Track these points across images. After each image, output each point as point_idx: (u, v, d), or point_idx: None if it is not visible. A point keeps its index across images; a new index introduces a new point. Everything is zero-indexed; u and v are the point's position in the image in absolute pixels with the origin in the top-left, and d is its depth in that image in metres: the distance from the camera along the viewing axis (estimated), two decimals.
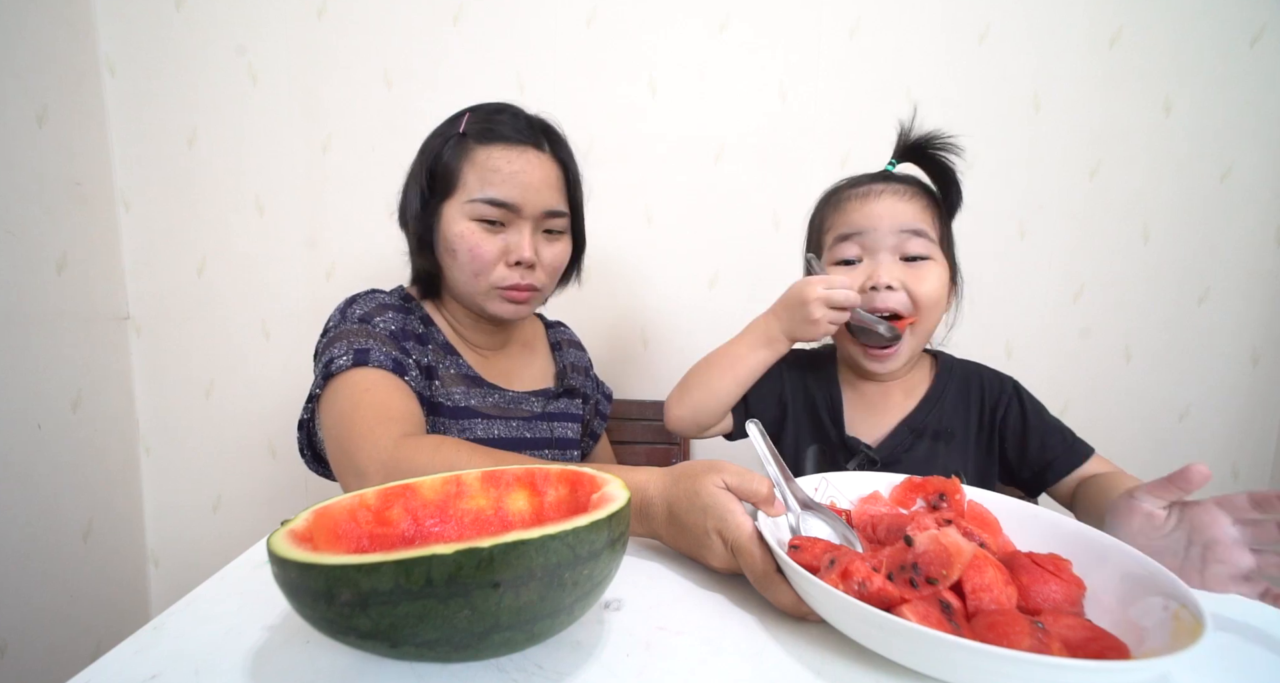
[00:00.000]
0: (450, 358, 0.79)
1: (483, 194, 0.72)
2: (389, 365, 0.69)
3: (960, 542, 0.40)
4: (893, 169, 0.76)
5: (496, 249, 0.74)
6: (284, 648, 0.40)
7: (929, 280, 0.70)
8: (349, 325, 0.72)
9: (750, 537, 0.45)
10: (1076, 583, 0.43)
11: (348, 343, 0.69)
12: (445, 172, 0.74)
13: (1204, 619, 0.35)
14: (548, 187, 0.75)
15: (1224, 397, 1.30)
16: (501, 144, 0.73)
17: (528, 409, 0.83)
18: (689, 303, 1.29)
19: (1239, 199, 1.24)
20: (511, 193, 0.72)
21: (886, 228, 0.70)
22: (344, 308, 0.76)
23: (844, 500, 0.56)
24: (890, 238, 0.70)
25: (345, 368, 0.67)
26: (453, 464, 0.56)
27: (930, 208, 0.73)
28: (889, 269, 0.70)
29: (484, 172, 0.72)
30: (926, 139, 0.73)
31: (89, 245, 1.19)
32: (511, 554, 0.32)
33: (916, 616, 0.37)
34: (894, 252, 0.71)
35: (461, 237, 0.73)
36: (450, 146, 0.74)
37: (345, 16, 1.20)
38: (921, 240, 0.70)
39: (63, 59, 1.13)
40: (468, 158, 0.73)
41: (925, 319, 0.71)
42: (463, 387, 0.78)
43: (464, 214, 0.73)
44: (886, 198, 0.72)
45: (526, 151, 0.74)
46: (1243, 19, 1.19)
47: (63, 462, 1.15)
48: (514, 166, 0.73)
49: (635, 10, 1.20)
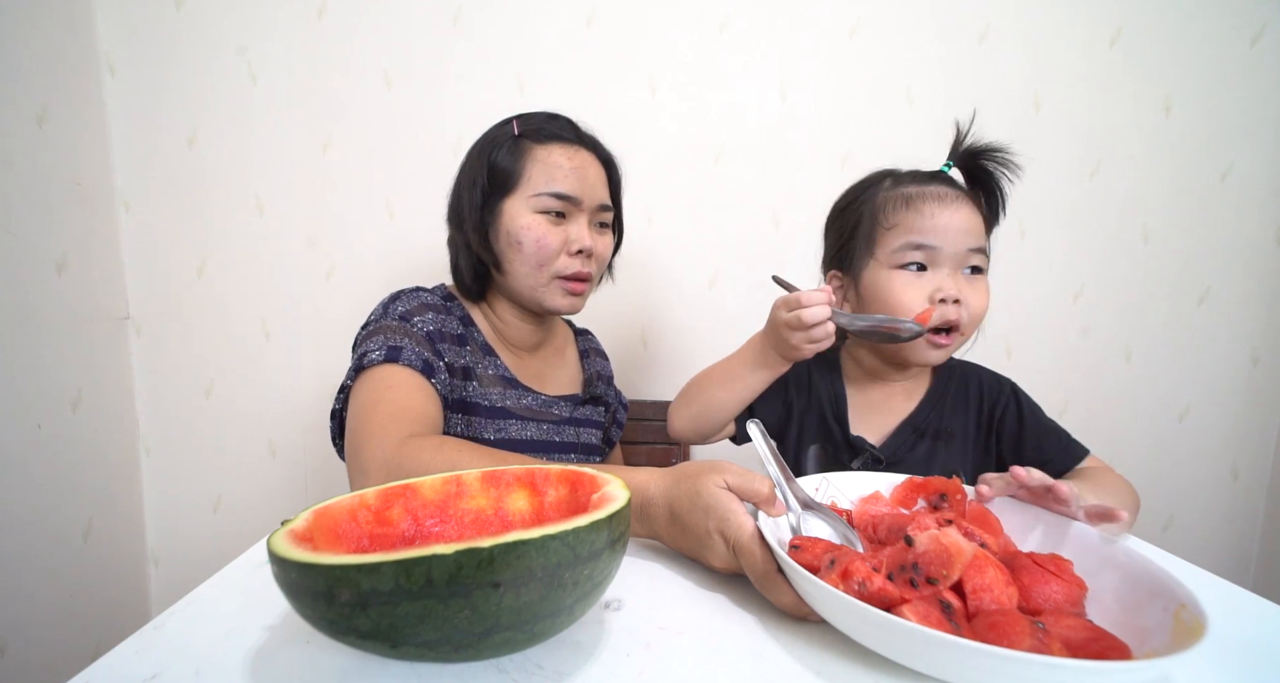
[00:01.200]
0: (489, 359, 0.82)
1: (548, 188, 0.77)
2: (418, 366, 0.71)
3: (961, 542, 0.40)
4: (947, 171, 0.75)
5: (560, 240, 0.78)
6: (284, 648, 0.40)
7: (984, 295, 0.71)
8: (388, 321, 0.75)
9: (752, 536, 0.45)
10: (1078, 584, 0.43)
11: (384, 338, 0.72)
12: (505, 170, 0.78)
13: (1205, 620, 0.35)
14: (600, 182, 0.82)
15: (1224, 397, 1.30)
16: (560, 143, 0.79)
17: (557, 413, 0.86)
18: (689, 303, 1.29)
19: (1239, 199, 1.24)
20: (574, 186, 0.78)
21: (959, 243, 0.69)
22: (387, 303, 0.79)
23: (845, 501, 0.56)
24: (960, 252, 0.70)
25: (376, 362, 0.70)
26: (454, 464, 0.56)
27: (986, 221, 0.74)
28: (955, 282, 0.70)
29: (548, 167, 0.77)
30: (988, 150, 0.73)
31: (89, 245, 1.19)
32: (512, 554, 0.32)
33: (917, 616, 0.37)
34: (956, 266, 0.70)
35: (529, 228, 0.77)
36: (507, 147, 0.79)
37: (345, 16, 1.20)
38: (980, 256, 0.71)
39: (63, 59, 1.13)
40: (528, 156, 0.78)
41: (968, 334, 0.72)
42: (499, 388, 0.81)
43: (529, 208, 0.77)
44: (963, 211, 0.70)
45: (581, 151, 0.80)
46: (1243, 19, 1.19)
47: (63, 462, 1.15)
48: (574, 163, 0.78)
49: (635, 10, 1.20)
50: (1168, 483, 1.32)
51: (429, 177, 1.24)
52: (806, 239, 1.26)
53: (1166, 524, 1.34)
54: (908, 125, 1.22)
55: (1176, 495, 1.33)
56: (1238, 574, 1.36)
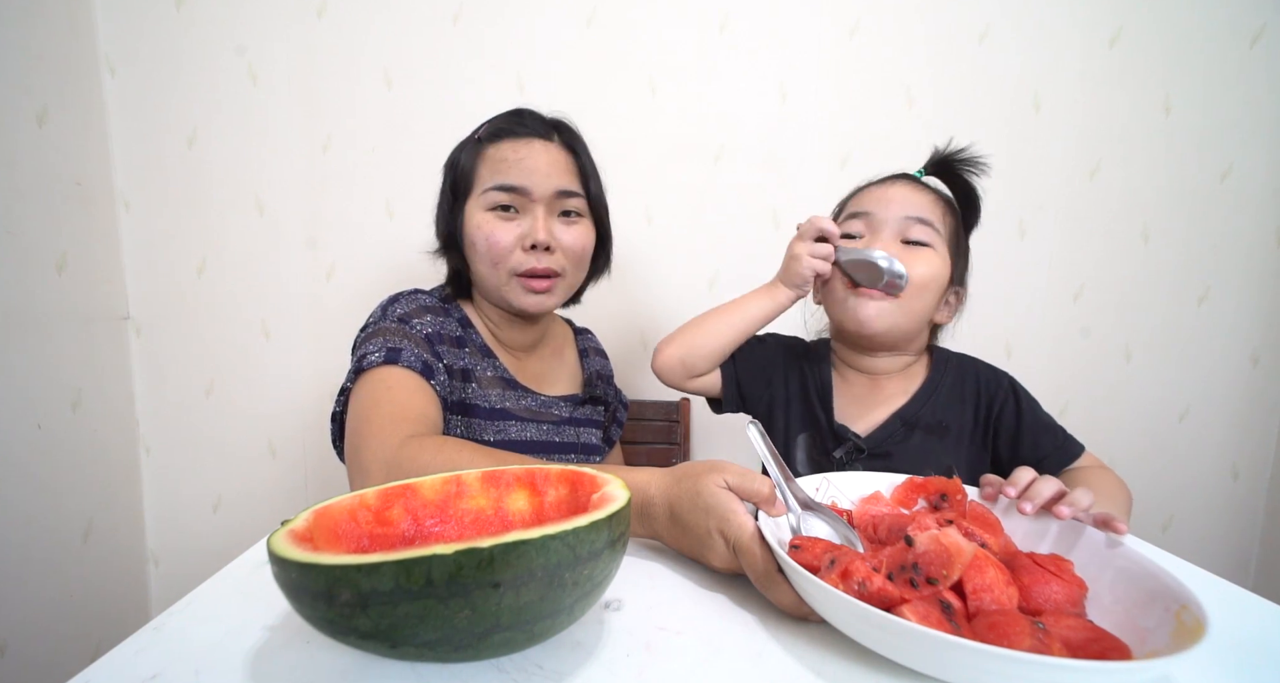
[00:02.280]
0: (487, 360, 0.82)
1: (493, 182, 0.76)
2: (417, 367, 0.71)
3: (961, 542, 0.40)
4: (920, 176, 0.78)
5: (512, 235, 0.76)
6: (284, 648, 0.40)
7: (920, 264, 0.71)
8: (388, 323, 0.75)
9: (752, 536, 0.45)
10: (1078, 584, 0.43)
11: (383, 340, 0.72)
12: (463, 174, 0.79)
13: (1206, 620, 0.35)
14: (556, 170, 0.78)
15: (1224, 397, 1.30)
16: (510, 139, 0.78)
17: (556, 414, 0.86)
18: (689, 303, 1.28)
19: (1239, 199, 1.24)
20: (520, 176, 0.76)
21: (894, 212, 0.73)
22: (386, 305, 0.80)
23: (845, 501, 0.56)
24: (895, 222, 0.73)
25: (375, 364, 0.70)
26: (454, 464, 0.56)
27: (942, 206, 0.75)
28: (885, 245, 0.72)
29: (494, 163, 0.77)
30: (953, 154, 0.76)
31: (89, 245, 1.19)
32: (512, 554, 0.32)
33: (916, 616, 0.37)
34: (896, 234, 0.73)
35: (479, 227, 0.77)
36: (466, 152, 0.79)
37: (345, 16, 1.20)
38: (925, 228, 0.72)
39: (63, 59, 1.13)
40: (480, 157, 0.78)
41: (911, 298, 0.72)
42: (499, 389, 0.81)
43: (480, 206, 0.77)
44: (901, 186, 0.75)
45: (533, 142, 0.78)
46: (1243, 19, 1.19)
47: (63, 462, 1.15)
48: (519, 155, 0.76)
49: (635, 10, 1.20)
50: (1168, 483, 1.32)
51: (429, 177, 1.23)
52: None
53: (1166, 524, 1.34)
54: (908, 125, 1.22)
55: (1176, 495, 1.32)
56: (1238, 574, 1.36)
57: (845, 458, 0.75)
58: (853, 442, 0.75)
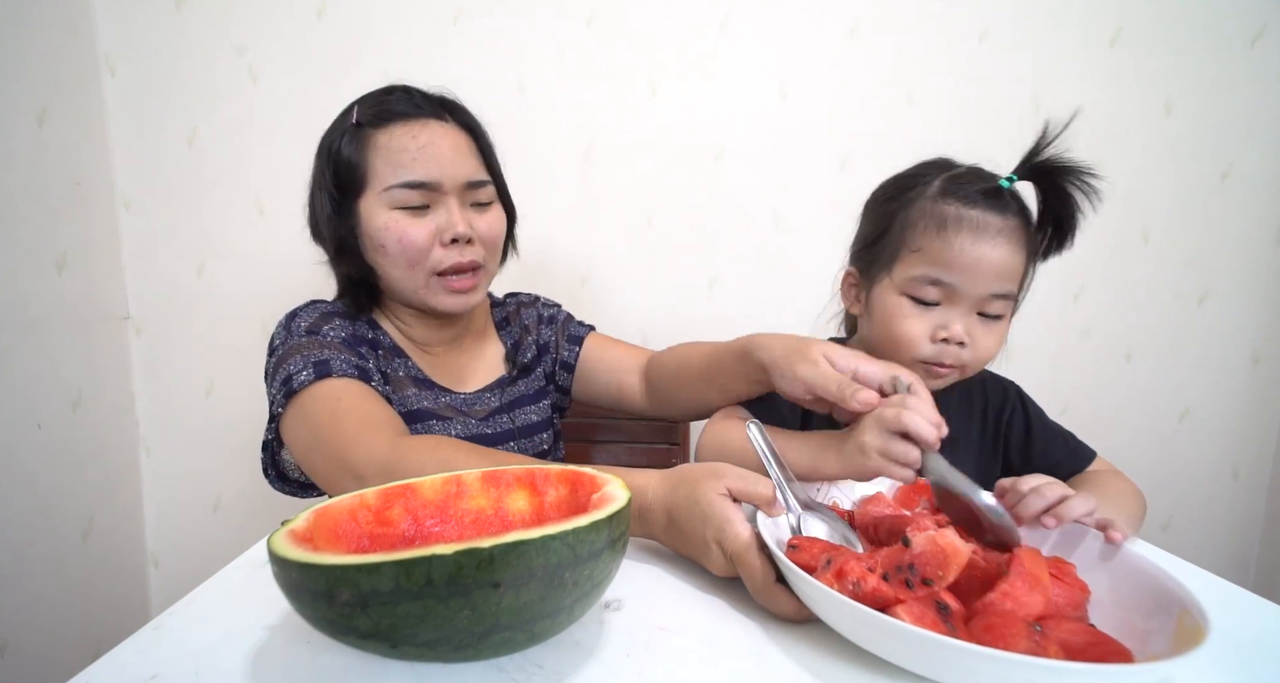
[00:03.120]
0: (398, 360, 0.76)
1: (398, 179, 0.68)
2: (353, 373, 0.66)
3: (957, 543, 0.40)
4: (1008, 185, 0.65)
5: (427, 232, 0.69)
6: (284, 648, 0.40)
7: (995, 340, 0.66)
8: (297, 340, 0.69)
9: (748, 546, 0.45)
10: (1080, 587, 0.43)
11: (303, 358, 0.66)
12: (349, 167, 0.70)
13: (1207, 623, 0.35)
14: (461, 155, 0.71)
15: (1224, 397, 1.30)
16: (400, 122, 0.69)
17: (483, 408, 0.80)
18: (689, 303, 1.29)
19: (1239, 199, 1.24)
20: (427, 169, 0.68)
21: (982, 286, 0.64)
22: (286, 323, 0.73)
23: (846, 502, 0.56)
24: (981, 295, 0.64)
25: (308, 383, 0.64)
26: (450, 464, 0.55)
27: (1030, 257, 0.66)
28: (966, 323, 0.65)
29: (392, 154, 0.68)
30: (1070, 170, 0.63)
31: (89, 245, 1.19)
32: (512, 554, 0.32)
33: (911, 616, 0.37)
34: (975, 306, 0.65)
35: (386, 228, 0.69)
36: (347, 140, 0.70)
37: (345, 16, 1.20)
38: (1004, 302, 0.65)
39: (63, 59, 1.13)
40: (370, 146, 0.69)
41: (975, 371, 0.68)
42: (414, 389, 0.75)
43: (383, 205, 0.69)
44: (1001, 245, 0.63)
45: (429, 124, 0.70)
46: (1243, 19, 1.19)
47: (63, 462, 1.15)
48: (420, 141, 0.69)
49: (635, 10, 1.20)
50: (1168, 483, 1.32)
51: None
52: (806, 239, 1.26)
53: (1166, 524, 1.34)
54: (908, 125, 1.22)
55: (1176, 495, 1.32)
56: (1238, 574, 1.36)
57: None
58: None
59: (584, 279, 1.28)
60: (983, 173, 0.67)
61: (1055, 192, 0.63)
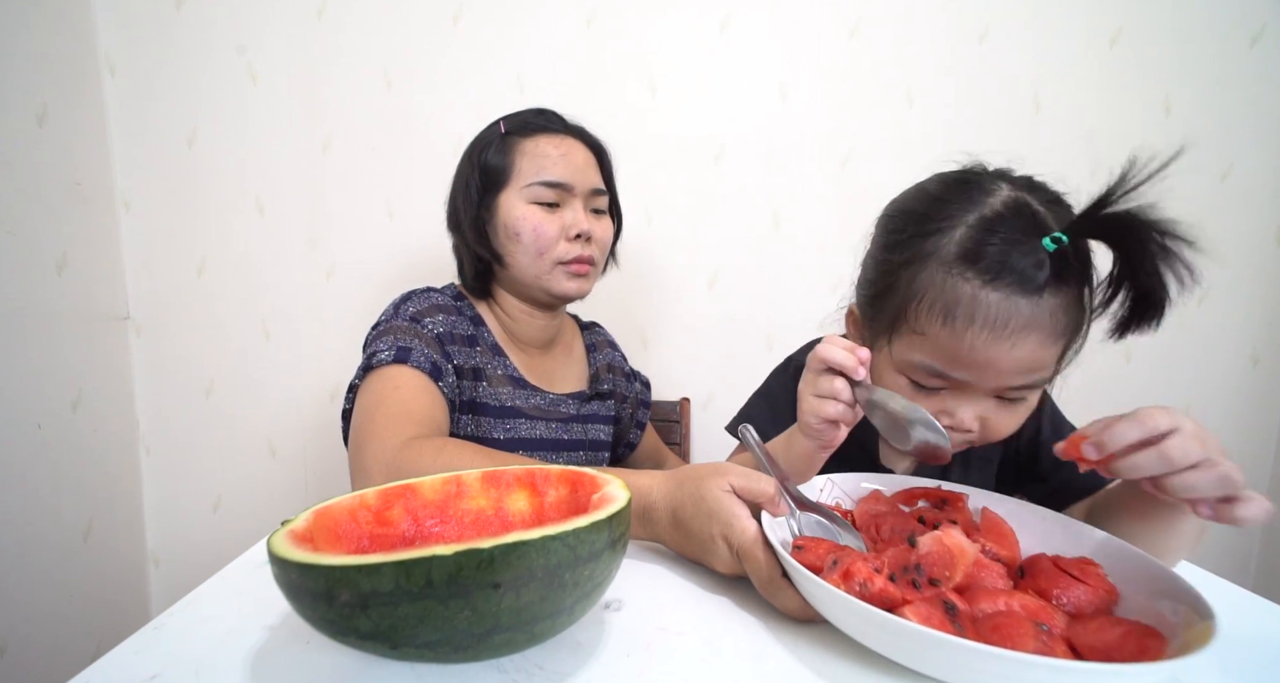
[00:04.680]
0: (498, 359, 0.83)
1: (539, 178, 0.79)
2: (426, 368, 0.71)
3: (964, 543, 0.40)
4: (1054, 248, 0.49)
5: (557, 227, 0.79)
6: (284, 648, 0.40)
7: (1015, 420, 0.55)
8: (399, 321, 0.76)
9: (755, 541, 0.45)
10: (1106, 589, 0.42)
11: (394, 339, 0.73)
12: (496, 167, 0.80)
13: (1215, 623, 0.35)
14: (590, 168, 0.83)
15: (1224, 397, 1.30)
16: (546, 134, 0.81)
17: (564, 412, 0.87)
18: (689, 303, 1.29)
19: (1239, 199, 1.24)
20: (565, 173, 0.79)
21: (997, 382, 0.52)
22: (398, 304, 0.80)
23: (849, 501, 0.56)
24: (998, 388, 0.53)
25: (385, 362, 0.70)
26: (453, 466, 0.56)
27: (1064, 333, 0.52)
28: (977, 409, 0.54)
29: (536, 158, 0.79)
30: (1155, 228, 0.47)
31: (89, 245, 1.19)
32: (512, 555, 0.32)
33: (918, 616, 0.37)
34: (992, 393, 0.53)
35: (525, 218, 0.78)
36: (495, 146, 0.81)
37: (345, 16, 1.20)
38: (1029, 390, 0.54)
39: (63, 59, 1.13)
40: (517, 150, 0.80)
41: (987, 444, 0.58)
42: (508, 387, 0.82)
43: (522, 199, 0.79)
44: (1028, 342, 0.49)
45: (568, 139, 0.82)
46: (1243, 19, 1.19)
47: (63, 462, 1.15)
48: (561, 150, 0.80)
49: (635, 10, 1.20)
50: None
51: (429, 177, 1.24)
52: (806, 239, 1.26)
53: None
54: (908, 125, 1.22)
55: None
56: (1238, 574, 1.35)
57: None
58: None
59: None
60: (1026, 214, 0.51)
61: (1136, 255, 0.47)
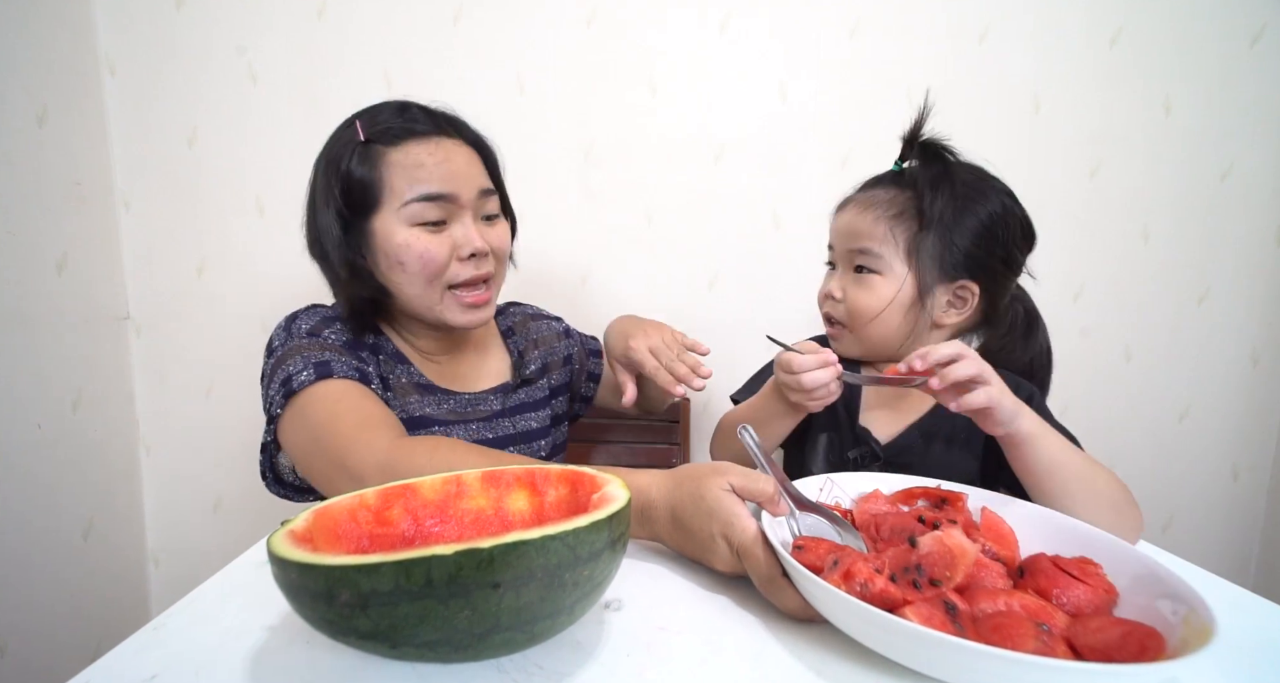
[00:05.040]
0: (401, 367, 0.76)
1: (415, 192, 0.68)
2: (354, 375, 0.66)
3: (964, 544, 0.40)
4: (899, 170, 0.76)
5: (446, 248, 0.70)
6: (284, 648, 0.40)
7: (863, 295, 0.73)
8: (298, 341, 0.69)
9: (755, 540, 0.45)
10: (1106, 588, 0.42)
11: (303, 358, 0.66)
12: (362, 185, 0.69)
13: (1214, 623, 0.35)
14: (473, 168, 0.73)
15: (1224, 397, 1.30)
16: (415, 139, 0.69)
17: (485, 409, 0.80)
18: (689, 303, 1.29)
19: (1239, 199, 1.24)
20: (446, 183, 0.69)
21: (844, 245, 0.75)
22: (286, 325, 0.73)
23: (848, 501, 0.56)
24: (846, 252, 0.75)
25: (308, 383, 0.64)
26: (450, 465, 0.55)
27: (894, 219, 0.72)
28: (840, 281, 0.75)
29: (408, 170, 0.68)
30: (926, 139, 0.74)
31: (89, 245, 1.19)
32: (512, 555, 0.32)
33: (919, 617, 0.37)
34: (848, 264, 0.75)
35: (408, 246, 0.68)
36: (357, 158, 0.69)
37: (345, 16, 1.20)
38: (866, 256, 0.72)
39: (63, 59, 1.13)
40: (384, 162, 0.69)
41: (857, 329, 0.74)
42: (416, 395, 0.75)
43: (402, 222, 0.69)
44: (851, 210, 0.75)
45: (442, 141, 0.71)
46: (1243, 19, 1.19)
47: (63, 462, 1.15)
48: (437, 156, 0.69)
49: (635, 10, 1.20)
50: (1168, 483, 1.32)
51: None
52: (806, 239, 1.26)
53: (1166, 524, 1.34)
54: (908, 125, 1.22)
55: (1176, 496, 1.32)
56: (1238, 574, 1.36)
57: (860, 459, 0.73)
58: (871, 447, 0.74)
59: (584, 279, 1.28)
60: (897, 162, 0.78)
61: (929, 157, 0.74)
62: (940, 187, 0.70)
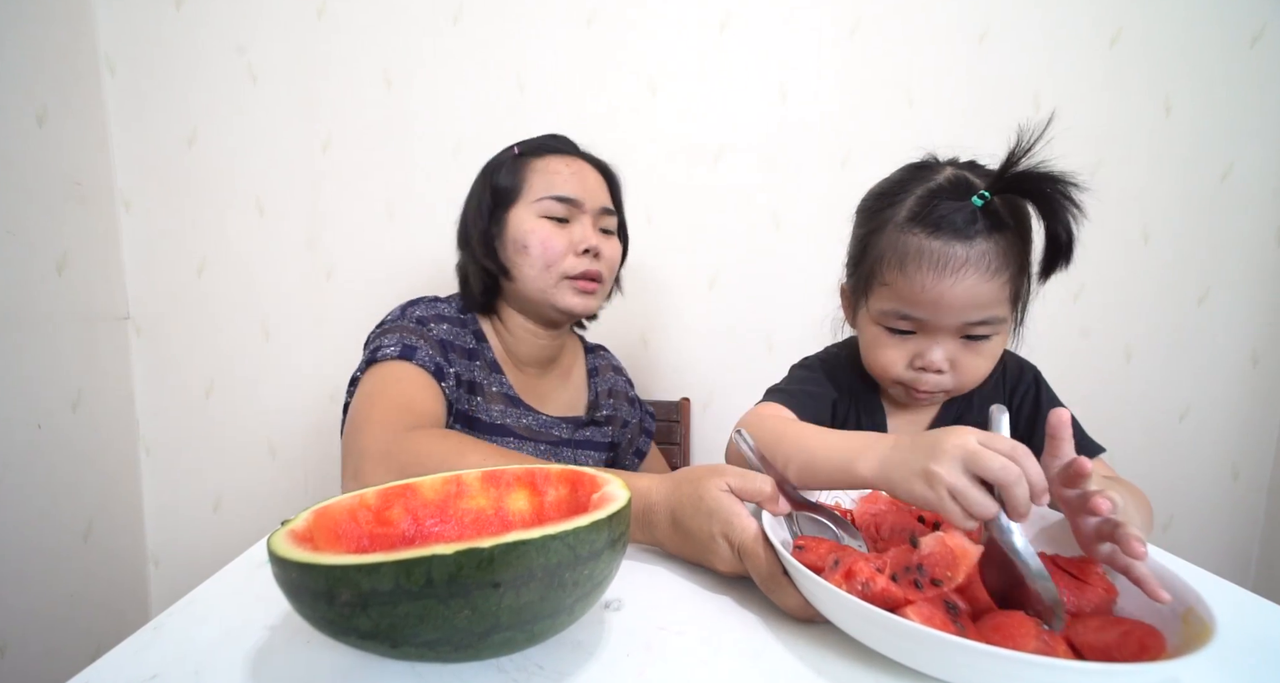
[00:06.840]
0: (495, 376, 0.83)
1: (549, 192, 0.80)
2: (430, 367, 0.72)
3: (966, 544, 0.40)
4: (979, 205, 0.60)
5: (565, 241, 0.80)
6: (284, 648, 0.40)
7: (983, 361, 0.64)
8: (406, 322, 0.77)
9: (756, 539, 0.45)
10: (1106, 588, 0.42)
11: (399, 337, 0.74)
12: (507, 185, 0.82)
13: (1214, 623, 0.35)
14: (600, 189, 0.85)
15: (1224, 397, 1.30)
16: (557, 154, 0.84)
17: (555, 435, 0.86)
18: (689, 303, 1.29)
19: (1239, 199, 1.24)
20: (575, 189, 0.81)
21: (954, 317, 0.61)
22: (404, 308, 0.82)
23: (849, 501, 0.56)
24: (955, 324, 0.62)
25: (390, 357, 0.71)
26: (457, 452, 0.56)
27: (1015, 277, 0.61)
28: (945, 350, 0.63)
29: (547, 175, 0.81)
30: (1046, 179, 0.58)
31: (89, 245, 1.19)
32: (512, 554, 0.32)
33: (920, 617, 0.37)
34: (955, 334, 0.63)
35: (534, 231, 0.80)
36: (508, 166, 0.83)
37: (345, 16, 1.20)
38: (989, 325, 0.62)
39: (63, 59, 1.13)
40: (528, 168, 0.82)
41: (967, 390, 0.67)
42: (501, 405, 0.82)
43: (532, 213, 0.81)
44: (968, 278, 0.59)
45: (578, 160, 0.85)
46: (1243, 19, 1.19)
47: (63, 462, 1.15)
48: (572, 169, 0.83)
49: (635, 10, 1.20)
50: (1168, 483, 1.32)
51: (429, 177, 1.24)
52: (806, 239, 1.26)
53: (1166, 524, 1.34)
54: (908, 125, 1.22)
55: (1176, 495, 1.32)
56: (1238, 574, 1.35)
57: None
58: None
59: None
60: (962, 184, 0.62)
61: (1042, 204, 0.58)
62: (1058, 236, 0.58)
